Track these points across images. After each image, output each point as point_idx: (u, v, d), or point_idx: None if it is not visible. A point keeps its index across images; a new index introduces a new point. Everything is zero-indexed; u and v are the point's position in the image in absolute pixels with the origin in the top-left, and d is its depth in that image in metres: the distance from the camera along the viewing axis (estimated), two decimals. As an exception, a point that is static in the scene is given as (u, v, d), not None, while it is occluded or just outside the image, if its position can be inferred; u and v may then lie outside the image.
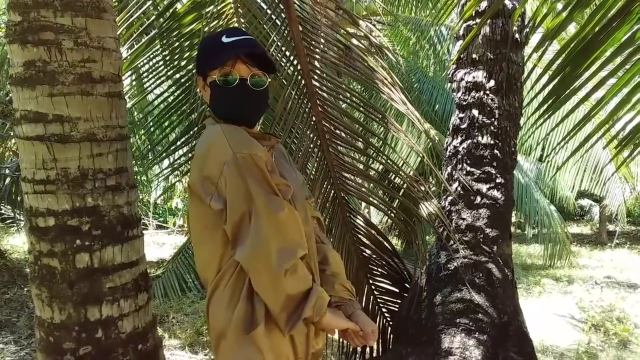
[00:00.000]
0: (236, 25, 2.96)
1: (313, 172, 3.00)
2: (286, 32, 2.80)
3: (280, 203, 1.41)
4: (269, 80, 1.55)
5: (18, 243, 8.14)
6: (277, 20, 2.89)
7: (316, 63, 2.86)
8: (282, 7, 2.80)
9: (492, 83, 3.12)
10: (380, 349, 3.32)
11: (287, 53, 2.83)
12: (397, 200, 3.70)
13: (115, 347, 1.82)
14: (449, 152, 3.26)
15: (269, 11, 2.93)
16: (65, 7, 1.70)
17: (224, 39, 1.48)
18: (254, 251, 1.39)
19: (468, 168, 3.14)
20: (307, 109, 2.89)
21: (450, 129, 3.31)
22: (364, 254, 3.20)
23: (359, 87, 6.01)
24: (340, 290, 1.66)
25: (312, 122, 2.90)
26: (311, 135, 2.93)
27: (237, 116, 1.52)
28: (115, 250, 1.82)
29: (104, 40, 1.80)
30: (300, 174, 1.74)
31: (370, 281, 3.26)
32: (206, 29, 2.86)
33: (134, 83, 3.84)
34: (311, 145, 2.92)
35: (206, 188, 1.42)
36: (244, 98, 1.49)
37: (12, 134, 6.17)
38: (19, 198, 6.34)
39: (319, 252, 1.67)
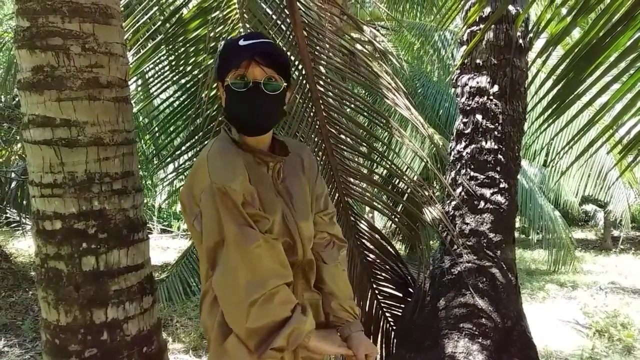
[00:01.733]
0: (241, 31, 2.99)
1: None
2: (291, 37, 2.82)
3: (253, 235, 1.38)
4: (285, 84, 1.49)
5: (23, 247, 8.17)
6: (282, 26, 2.91)
7: (321, 68, 2.88)
8: (287, 12, 2.82)
9: (495, 88, 3.13)
10: (384, 354, 3.31)
11: (292, 58, 2.84)
12: (401, 205, 3.71)
13: (120, 350, 1.83)
14: (453, 156, 3.27)
15: (274, 16, 2.95)
16: (73, 13, 1.72)
17: (241, 42, 1.44)
18: (221, 281, 1.40)
19: (472, 173, 3.14)
20: (311, 113, 2.90)
21: (454, 133, 3.32)
22: (368, 258, 3.20)
23: (364, 91, 6.03)
24: (337, 310, 1.64)
25: (317, 127, 2.92)
26: (315, 140, 2.94)
27: (247, 122, 1.47)
28: (121, 253, 1.83)
29: (111, 46, 1.82)
30: (319, 186, 1.67)
31: (374, 285, 3.26)
32: (212, 34, 2.88)
33: (139, 88, 3.87)
34: (315, 149, 2.93)
35: (192, 208, 1.44)
36: (256, 102, 1.43)
37: (18, 138, 6.21)
38: (24, 202, 6.38)
39: (317, 272, 1.64)
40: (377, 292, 3.28)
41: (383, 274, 3.26)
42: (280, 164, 1.54)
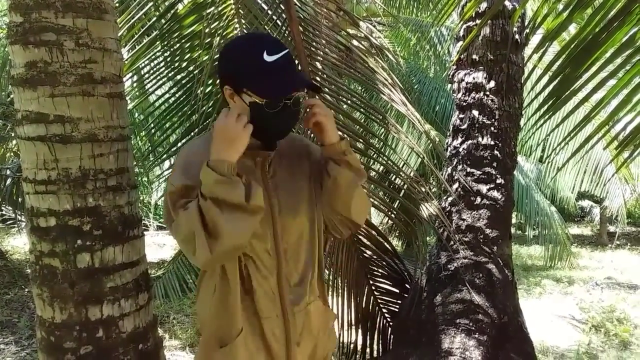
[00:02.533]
0: (237, 27, 2.97)
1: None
2: (287, 32, 2.81)
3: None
4: (304, 93, 1.49)
5: (19, 244, 8.14)
6: (277, 21, 2.89)
7: (317, 64, 2.86)
8: (282, 7, 2.81)
9: (492, 84, 3.13)
10: (381, 350, 3.32)
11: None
12: (398, 201, 3.70)
13: (116, 347, 1.82)
14: (449, 152, 3.27)
15: (269, 12, 2.93)
16: (66, 8, 1.71)
17: (266, 58, 1.36)
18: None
19: (468, 169, 3.14)
20: (307, 109, 2.89)
21: (451, 129, 3.32)
22: (365, 254, 3.20)
23: (360, 88, 6.01)
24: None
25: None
26: (312, 136, 2.92)
27: (274, 137, 1.50)
28: (116, 250, 1.83)
29: (105, 41, 1.81)
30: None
31: (371, 282, 3.26)
32: (207, 30, 2.86)
33: (135, 84, 3.85)
34: (312, 146, 2.92)
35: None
36: (285, 120, 1.46)
37: (13, 135, 6.18)
38: (20, 199, 6.35)
39: None
40: (373, 288, 3.28)
41: (380, 270, 3.26)
42: (269, 159, 1.52)
